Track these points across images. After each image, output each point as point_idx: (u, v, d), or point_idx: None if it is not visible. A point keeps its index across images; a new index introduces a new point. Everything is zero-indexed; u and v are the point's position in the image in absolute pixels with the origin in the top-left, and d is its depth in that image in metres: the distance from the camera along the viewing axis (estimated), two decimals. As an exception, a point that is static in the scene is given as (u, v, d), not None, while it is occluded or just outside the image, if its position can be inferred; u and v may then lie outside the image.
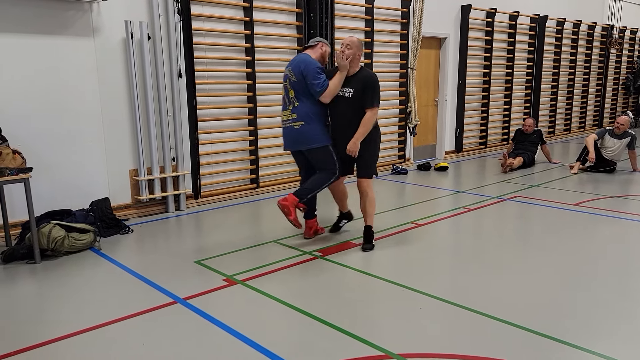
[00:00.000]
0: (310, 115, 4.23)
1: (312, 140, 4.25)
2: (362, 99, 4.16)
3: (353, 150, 4.19)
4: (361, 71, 4.25)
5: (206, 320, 3.07)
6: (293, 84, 4.25)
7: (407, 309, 3.23)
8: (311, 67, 4.18)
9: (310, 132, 4.24)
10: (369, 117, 4.17)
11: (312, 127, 4.23)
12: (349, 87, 4.21)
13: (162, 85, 5.36)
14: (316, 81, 4.13)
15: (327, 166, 4.32)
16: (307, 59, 4.25)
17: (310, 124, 4.23)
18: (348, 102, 4.22)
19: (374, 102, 4.17)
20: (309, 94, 4.22)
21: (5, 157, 3.97)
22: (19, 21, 4.53)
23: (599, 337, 2.84)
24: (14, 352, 2.75)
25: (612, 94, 13.63)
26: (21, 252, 4.11)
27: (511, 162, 7.67)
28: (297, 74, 4.22)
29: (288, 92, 4.30)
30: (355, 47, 4.18)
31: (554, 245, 4.39)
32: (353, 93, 4.19)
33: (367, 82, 4.16)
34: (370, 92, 4.16)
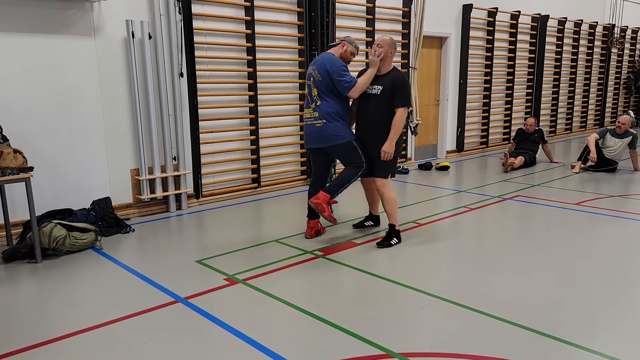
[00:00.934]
0: (331, 113, 4.26)
1: (335, 137, 4.27)
2: (392, 97, 4.22)
3: (389, 153, 4.24)
4: (392, 71, 4.32)
5: (207, 319, 3.06)
6: (317, 83, 4.28)
7: (409, 308, 3.23)
8: (336, 64, 4.22)
9: (332, 129, 4.26)
10: (400, 117, 4.23)
11: (334, 125, 4.26)
12: (377, 85, 4.28)
13: (163, 85, 5.36)
14: (343, 78, 4.19)
15: (354, 160, 4.34)
16: (332, 57, 4.29)
17: (331, 122, 4.26)
18: (375, 99, 4.27)
19: (404, 102, 4.23)
20: (333, 92, 4.25)
21: (6, 157, 3.97)
22: (20, 21, 4.53)
23: (599, 336, 2.84)
24: (15, 351, 2.75)
25: (614, 94, 13.61)
26: (22, 252, 4.11)
27: (512, 162, 7.66)
28: (322, 72, 4.24)
29: (311, 91, 4.34)
30: (387, 45, 4.25)
31: (555, 245, 4.39)
32: (381, 90, 4.25)
33: (398, 82, 4.22)
34: (401, 92, 4.21)
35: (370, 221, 4.91)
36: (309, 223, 4.61)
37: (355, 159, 4.34)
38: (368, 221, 4.91)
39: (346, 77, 4.20)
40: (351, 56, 4.42)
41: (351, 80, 4.21)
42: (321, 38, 6.50)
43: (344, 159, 4.40)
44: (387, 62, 4.28)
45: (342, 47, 4.39)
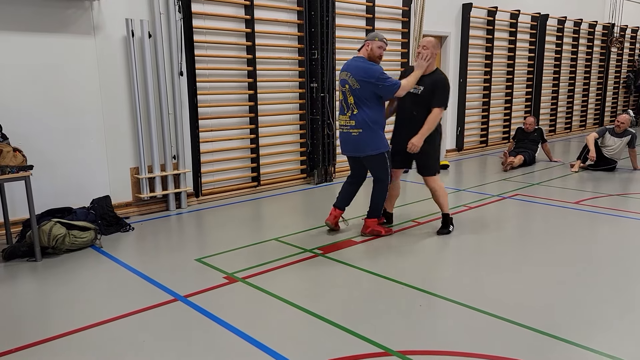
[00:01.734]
0: (368, 122, 4.28)
1: (369, 147, 4.34)
2: (431, 97, 4.35)
3: (416, 145, 4.37)
4: (435, 73, 4.46)
5: (207, 317, 3.07)
6: (354, 91, 4.27)
7: (407, 307, 3.24)
8: (373, 72, 4.21)
9: (367, 139, 4.32)
10: (435, 115, 4.36)
11: (370, 135, 4.30)
12: (419, 84, 4.42)
13: (163, 83, 5.36)
14: (387, 83, 4.20)
15: (381, 172, 4.46)
16: (366, 65, 4.26)
17: (367, 131, 4.30)
18: (416, 99, 4.42)
19: (441, 103, 4.36)
20: (371, 101, 4.25)
21: (6, 155, 3.97)
22: (20, 20, 4.54)
23: (598, 335, 2.84)
24: (14, 349, 2.76)
25: (613, 93, 13.62)
26: (22, 250, 4.12)
27: (512, 161, 7.67)
28: (359, 80, 4.23)
29: (347, 98, 4.34)
30: (432, 46, 4.38)
31: (554, 243, 4.39)
32: (422, 90, 4.40)
33: (439, 83, 4.38)
34: (441, 93, 4.36)
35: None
36: (334, 211, 4.69)
37: (383, 173, 4.45)
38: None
39: (389, 82, 4.21)
40: (379, 50, 4.34)
41: (395, 84, 4.22)
42: (321, 37, 6.50)
43: (373, 169, 4.50)
44: (431, 63, 4.42)
45: (367, 47, 4.34)
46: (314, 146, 6.79)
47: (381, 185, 4.52)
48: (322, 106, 6.70)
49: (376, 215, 4.61)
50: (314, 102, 6.68)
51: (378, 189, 4.54)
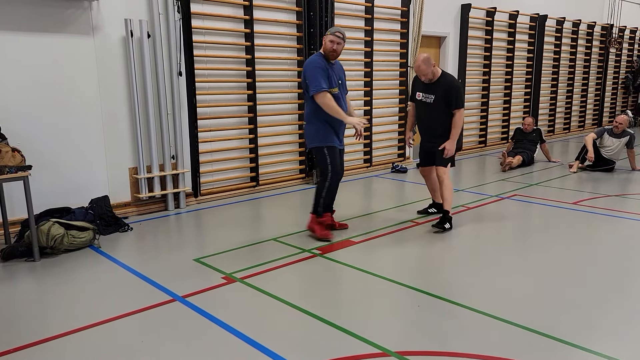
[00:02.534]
0: (308, 115, 4.38)
1: (310, 140, 4.43)
2: (446, 102, 4.61)
3: (450, 150, 4.69)
4: (442, 77, 4.67)
5: (205, 318, 3.07)
6: (303, 84, 4.36)
7: (405, 307, 3.24)
8: (310, 67, 4.23)
9: (308, 132, 4.42)
10: (458, 118, 4.65)
11: (311, 128, 4.38)
12: (430, 94, 4.70)
13: (162, 84, 5.36)
14: (314, 82, 4.18)
15: (322, 168, 4.42)
16: (311, 59, 4.33)
17: (309, 124, 4.40)
18: (430, 107, 4.74)
19: (460, 104, 4.62)
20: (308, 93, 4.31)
21: (4, 155, 3.97)
22: (19, 19, 4.53)
23: (597, 336, 2.85)
24: (12, 349, 2.76)
25: (612, 93, 13.64)
26: (20, 250, 4.12)
27: (510, 161, 7.68)
28: (303, 73, 4.32)
29: None
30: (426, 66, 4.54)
31: (552, 244, 4.40)
32: (434, 99, 4.68)
33: (449, 87, 4.61)
34: (455, 95, 4.59)
35: (434, 208, 5.28)
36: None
37: (323, 167, 4.39)
38: (432, 208, 5.31)
39: (315, 82, 4.17)
40: (330, 45, 4.25)
41: (319, 87, 4.16)
42: (320, 37, 6.50)
43: (317, 164, 4.54)
44: (435, 74, 4.65)
45: (324, 41, 4.33)
46: (313, 146, 6.79)
47: (322, 179, 4.43)
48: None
49: (316, 210, 4.49)
50: (313, 102, 6.67)
51: (320, 183, 4.47)
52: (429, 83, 4.68)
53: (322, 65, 4.24)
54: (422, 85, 4.77)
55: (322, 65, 4.24)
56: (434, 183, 5.14)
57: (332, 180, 4.40)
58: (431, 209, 5.30)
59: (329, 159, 4.35)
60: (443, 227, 4.69)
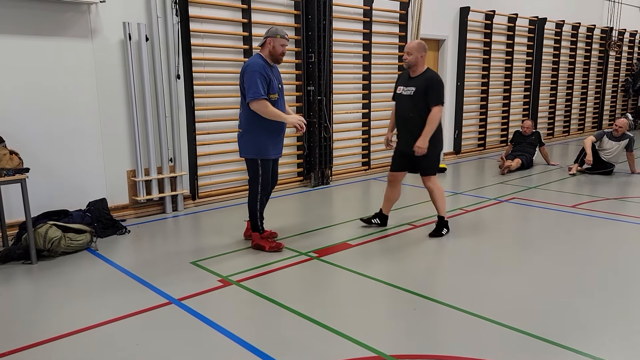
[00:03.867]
0: (246, 122, 4.09)
1: (244, 149, 4.16)
2: (426, 97, 4.36)
3: (422, 148, 4.35)
4: (425, 72, 4.46)
5: (200, 320, 3.07)
6: (240, 88, 4.11)
7: (401, 310, 3.24)
8: (250, 70, 3.95)
9: (243, 140, 4.14)
10: (434, 114, 4.35)
11: (246, 137, 4.11)
12: (411, 86, 4.43)
13: (160, 87, 5.37)
14: (253, 89, 3.91)
15: (251, 179, 4.20)
16: (252, 61, 4.04)
17: (245, 133, 4.11)
18: (410, 100, 4.45)
19: (438, 100, 4.36)
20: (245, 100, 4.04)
21: (2, 158, 3.98)
22: (17, 23, 4.55)
23: (593, 339, 2.84)
24: (8, 352, 2.76)
25: (612, 96, 13.63)
26: (18, 253, 4.12)
27: (509, 164, 7.68)
28: (241, 76, 4.05)
29: None
30: (416, 50, 4.38)
31: (550, 247, 4.40)
32: (414, 91, 4.42)
33: (430, 82, 4.38)
34: (434, 91, 4.36)
35: (378, 219, 4.94)
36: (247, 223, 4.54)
37: (253, 180, 4.18)
38: (376, 219, 4.94)
39: (254, 88, 3.89)
40: (282, 48, 4.11)
41: (258, 94, 3.91)
42: (318, 40, 6.52)
43: (248, 174, 4.24)
44: (419, 65, 4.44)
45: (269, 45, 4.07)
46: (311, 149, 6.80)
47: (251, 192, 4.22)
48: (319, 109, 6.71)
49: (255, 227, 4.29)
50: (311, 105, 6.69)
51: (249, 196, 4.25)
52: (412, 77, 4.46)
53: (263, 70, 3.98)
54: (404, 80, 4.56)
55: (263, 71, 3.97)
56: (394, 193, 4.84)
57: (261, 194, 4.21)
58: (375, 219, 4.93)
59: (260, 171, 4.15)
60: (440, 234, 4.62)
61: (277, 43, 4.08)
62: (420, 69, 4.45)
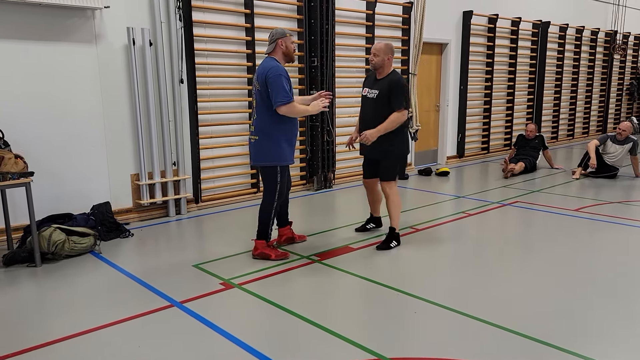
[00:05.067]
0: (265, 129, 3.98)
1: (261, 157, 4.03)
2: (389, 100, 4.27)
3: (369, 137, 4.22)
4: (390, 74, 4.37)
5: (202, 323, 3.09)
6: (256, 94, 3.99)
7: (402, 314, 3.24)
8: (275, 73, 3.84)
9: (261, 148, 4.01)
10: (395, 117, 4.25)
11: (265, 144, 3.99)
12: (375, 88, 4.36)
13: (164, 91, 5.41)
14: (281, 93, 3.82)
15: (269, 188, 4.10)
16: (270, 65, 3.91)
17: (263, 139, 3.99)
18: (373, 103, 4.37)
19: (400, 104, 4.26)
20: (268, 105, 3.92)
21: (7, 162, 4.02)
22: (23, 28, 4.60)
23: (596, 343, 2.84)
24: (12, 353, 2.78)
25: (616, 100, 13.59)
26: (22, 256, 4.15)
27: (512, 168, 7.67)
28: (260, 82, 3.91)
29: (253, 102, 4.11)
30: (383, 52, 4.30)
31: (553, 251, 4.39)
32: (378, 94, 4.33)
33: (394, 85, 4.28)
34: (397, 95, 4.25)
35: (372, 223, 4.96)
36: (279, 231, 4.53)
37: (271, 187, 4.08)
38: (370, 224, 4.96)
39: (282, 93, 3.81)
40: (293, 45, 4.08)
41: (286, 98, 3.83)
42: (320, 45, 6.55)
43: (263, 181, 4.17)
44: (385, 67, 4.36)
45: (282, 46, 3.99)
46: (314, 153, 6.82)
47: (267, 201, 4.11)
48: (322, 113, 6.73)
49: (263, 236, 4.16)
50: (314, 109, 6.70)
51: (263, 204, 4.14)
52: (378, 79, 4.36)
53: (285, 73, 3.90)
54: (370, 82, 4.45)
55: (285, 73, 3.90)
56: (376, 195, 4.75)
57: (278, 200, 4.12)
58: (369, 224, 4.92)
59: (279, 178, 4.06)
60: (389, 246, 4.38)
61: (288, 42, 4.02)
62: (386, 71, 4.34)
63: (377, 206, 4.90)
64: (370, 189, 4.80)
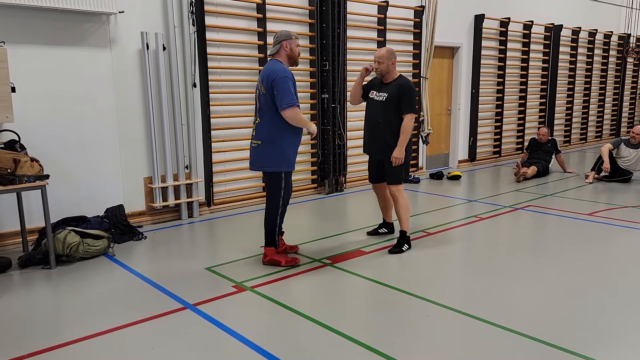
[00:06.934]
0: (269, 134, 3.89)
1: (265, 162, 3.95)
2: (398, 104, 4.31)
3: (399, 158, 4.31)
4: (398, 78, 4.42)
5: (215, 326, 3.10)
6: (260, 97, 3.90)
7: (415, 317, 3.24)
8: (281, 75, 3.77)
9: (265, 153, 3.92)
10: (407, 122, 4.31)
11: (269, 149, 3.91)
12: (383, 92, 4.39)
13: (177, 95, 5.46)
14: (287, 96, 3.75)
15: (273, 194, 4.01)
16: (276, 67, 3.84)
17: (268, 144, 3.91)
18: (381, 106, 4.40)
19: (411, 108, 4.32)
20: (273, 109, 3.84)
21: (23, 165, 4.08)
22: (39, 33, 4.67)
23: (610, 348, 2.81)
24: (27, 354, 2.82)
25: (630, 103, 13.45)
26: (37, 258, 4.20)
27: (525, 171, 7.61)
28: (266, 85, 3.83)
29: (256, 105, 4.03)
30: (386, 58, 4.34)
31: (566, 255, 4.35)
32: (387, 97, 4.36)
33: (403, 88, 4.33)
34: (407, 99, 4.30)
35: (384, 228, 4.96)
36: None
37: (274, 193, 3.99)
38: (382, 228, 4.96)
39: (288, 96, 3.74)
40: (298, 48, 4.02)
41: (291, 102, 3.77)
42: (332, 49, 6.57)
43: (267, 189, 4.10)
44: (391, 72, 4.40)
45: (286, 48, 3.94)
46: (325, 156, 6.83)
47: (272, 207, 4.02)
48: (333, 117, 6.75)
49: (271, 242, 4.08)
50: (325, 112, 6.73)
51: (268, 211, 4.04)
52: (385, 83, 4.39)
53: (291, 75, 3.84)
54: (377, 85, 4.48)
55: (291, 76, 3.84)
56: (386, 200, 4.75)
57: (283, 207, 4.05)
58: (381, 229, 4.91)
59: (283, 184, 3.97)
60: (401, 250, 4.38)
61: (293, 44, 3.97)
62: (392, 76, 4.40)
63: (389, 212, 4.91)
64: (380, 195, 4.82)
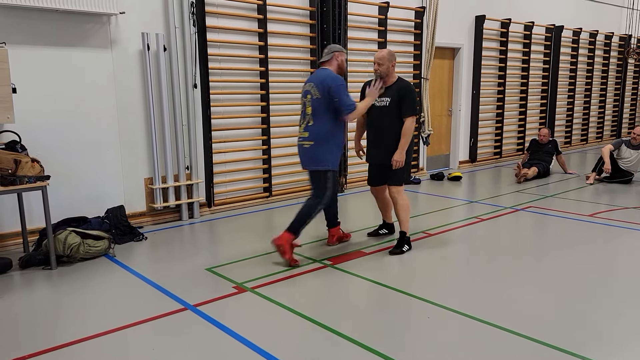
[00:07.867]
0: (322, 135, 4.15)
1: (316, 161, 4.18)
2: (400, 108, 4.32)
3: (400, 161, 4.33)
4: (397, 81, 4.42)
5: (215, 326, 3.10)
6: (314, 101, 4.15)
7: (415, 318, 3.23)
8: (338, 83, 4.08)
9: (316, 153, 4.17)
10: (409, 125, 4.33)
11: (320, 149, 4.15)
12: (385, 97, 4.39)
13: (178, 96, 5.46)
14: (347, 101, 4.07)
15: (319, 190, 4.22)
16: (332, 75, 4.14)
17: (319, 145, 4.15)
18: (383, 111, 4.39)
19: (413, 111, 4.34)
20: (328, 113, 4.12)
21: (24, 166, 4.08)
22: (40, 34, 4.68)
23: (610, 350, 2.81)
24: (28, 355, 2.82)
25: (631, 104, 13.45)
26: (38, 258, 4.21)
27: (525, 172, 7.61)
28: (321, 90, 4.09)
29: (305, 109, 4.23)
30: (387, 60, 4.34)
31: (567, 256, 4.34)
32: (389, 102, 4.36)
33: (404, 91, 4.34)
34: (408, 102, 4.32)
35: (385, 229, 4.96)
36: (329, 231, 4.69)
37: (321, 190, 4.20)
38: (382, 229, 4.97)
39: (348, 100, 4.08)
40: (345, 64, 4.32)
41: (352, 104, 4.10)
42: (333, 49, 6.56)
43: (314, 184, 4.27)
44: (390, 75, 4.40)
45: (338, 59, 4.24)
46: (326, 157, 6.82)
47: (314, 202, 4.21)
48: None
49: (295, 231, 4.17)
50: (326, 113, 6.72)
51: (309, 204, 4.22)
52: (385, 87, 4.38)
53: (344, 82, 4.20)
54: None
55: (344, 83, 4.20)
56: (385, 203, 4.79)
57: (324, 204, 4.25)
58: (382, 230, 4.94)
59: (330, 183, 4.20)
60: (401, 251, 4.40)
61: (343, 57, 4.27)
62: (392, 79, 4.39)
63: (388, 213, 4.91)
64: (378, 197, 4.82)
